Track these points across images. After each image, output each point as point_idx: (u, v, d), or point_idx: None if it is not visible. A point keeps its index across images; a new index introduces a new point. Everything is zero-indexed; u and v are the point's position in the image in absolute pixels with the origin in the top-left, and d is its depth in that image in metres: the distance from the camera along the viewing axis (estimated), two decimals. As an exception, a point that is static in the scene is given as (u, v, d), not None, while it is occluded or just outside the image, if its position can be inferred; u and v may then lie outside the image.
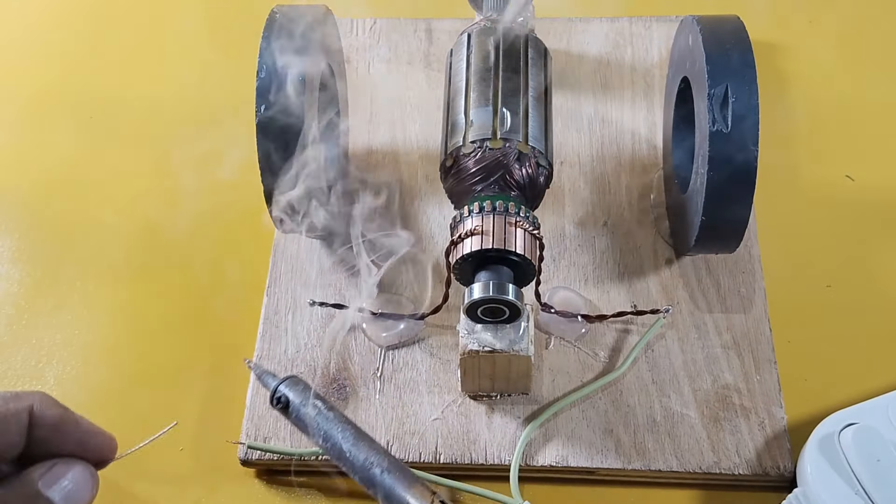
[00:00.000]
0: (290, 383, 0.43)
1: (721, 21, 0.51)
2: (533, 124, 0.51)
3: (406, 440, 0.50)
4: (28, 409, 0.38)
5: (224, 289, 0.58)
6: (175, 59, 0.70)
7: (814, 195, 0.60)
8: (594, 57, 0.66)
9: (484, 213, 0.47)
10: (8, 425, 0.37)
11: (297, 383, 0.43)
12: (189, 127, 0.66)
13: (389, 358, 0.53)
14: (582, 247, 0.57)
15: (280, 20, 0.51)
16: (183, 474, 0.50)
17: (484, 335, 0.48)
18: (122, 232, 0.61)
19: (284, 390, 0.43)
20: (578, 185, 0.60)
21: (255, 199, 0.51)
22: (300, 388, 0.43)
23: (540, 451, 0.50)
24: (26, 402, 0.38)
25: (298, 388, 0.43)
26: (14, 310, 0.57)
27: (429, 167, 0.61)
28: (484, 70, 0.52)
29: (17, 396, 0.38)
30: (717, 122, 0.47)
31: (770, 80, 0.65)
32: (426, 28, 0.68)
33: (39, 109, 0.68)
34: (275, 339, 0.54)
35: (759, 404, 0.51)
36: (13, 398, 0.38)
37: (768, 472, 0.49)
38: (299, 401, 0.42)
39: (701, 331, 0.54)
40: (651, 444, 0.50)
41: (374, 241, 0.52)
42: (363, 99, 0.65)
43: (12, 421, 0.37)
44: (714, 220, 0.49)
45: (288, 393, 0.43)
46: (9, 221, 0.62)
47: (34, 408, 0.38)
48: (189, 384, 0.54)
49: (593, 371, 0.52)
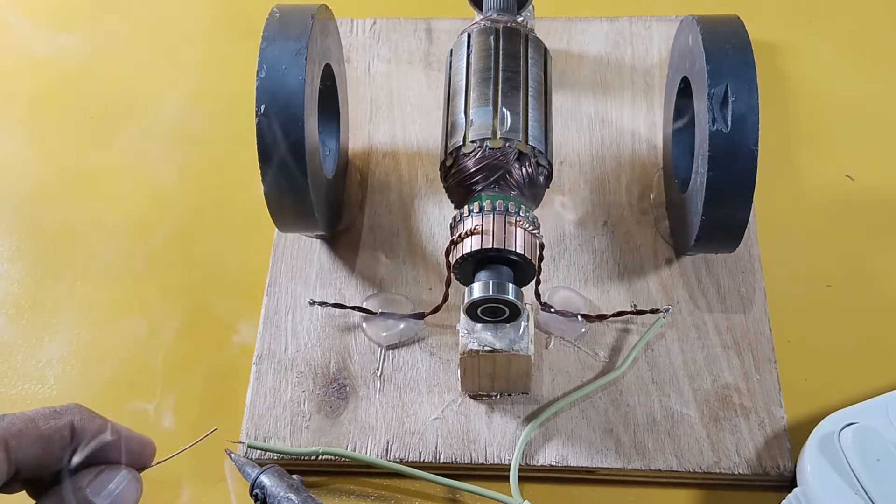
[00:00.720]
0: (270, 473, 0.44)
1: (721, 21, 0.51)
2: (533, 124, 0.51)
3: (406, 440, 0.50)
4: (69, 425, 0.38)
5: (224, 289, 0.58)
6: (175, 59, 0.70)
7: (814, 195, 0.60)
8: (594, 57, 0.66)
9: (484, 212, 0.47)
10: (52, 444, 0.38)
11: (277, 473, 0.44)
12: (189, 127, 0.66)
13: (389, 358, 0.53)
14: (582, 247, 0.57)
15: (280, 20, 0.51)
16: (183, 474, 0.50)
17: (484, 335, 0.48)
18: (122, 232, 0.61)
19: (264, 480, 0.44)
20: (578, 185, 0.60)
21: (255, 199, 0.51)
22: (280, 478, 0.44)
23: (540, 451, 0.50)
24: (67, 419, 0.38)
25: (277, 478, 0.44)
26: (14, 310, 0.57)
27: (429, 167, 0.61)
28: (484, 70, 0.52)
29: (56, 413, 0.39)
30: (717, 122, 0.47)
31: (770, 80, 0.65)
32: (426, 28, 0.68)
33: (39, 109, 0.68)
34: (275, 339, 0.54)
35: (759, 404, 0.51)
36: (53, 415, 0.38)
37: (768, 471, 0.49)
38: (278, 491, 0.44)
39: (701, 330, 0.54)
40: (651, 444, 0.50)
41: None
42: (363, 99, 0.65)
43: (55, 438, 0.38)
44: (714, 220, 0.49)
45: (267, 482, 0.44)
46: (9, 221, 0.62)
47: (75, 423, 0.39)
48: (189, 384, 0.54)
49: (593, 371, 0.52)
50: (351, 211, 0.59)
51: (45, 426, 0.38)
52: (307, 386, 0.52)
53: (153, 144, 0.65)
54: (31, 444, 0.37)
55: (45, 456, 0.38)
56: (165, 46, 0.71)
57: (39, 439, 0.38)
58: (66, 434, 0.38)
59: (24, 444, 0.37)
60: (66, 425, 0.38)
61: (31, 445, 0.37)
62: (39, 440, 0.37)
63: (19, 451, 0.37)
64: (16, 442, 0.37)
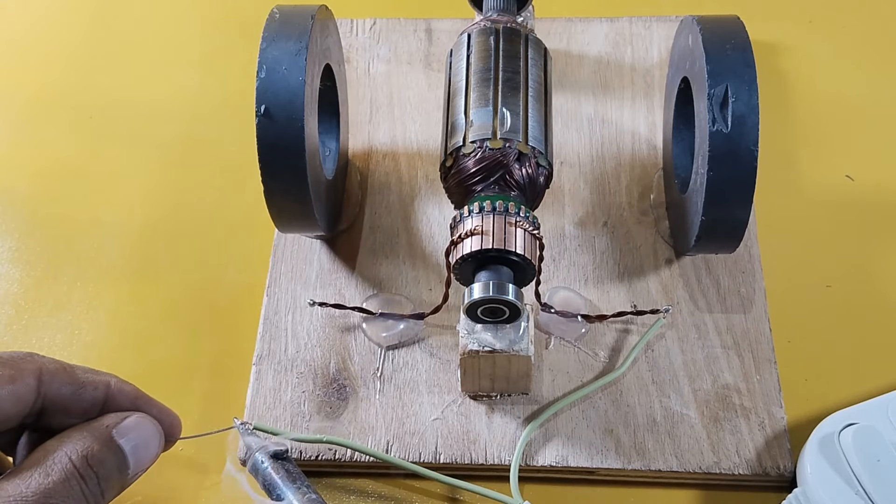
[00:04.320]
0: (271, 453, 0.45)
1: (721, 21, 0.51)
2: (533, 124, 0.51)
3: (406, 440, 0.50)
4: (106, 383, 0.40)
5: (224, 289, 0.58)
6: (175, 59, 0.70)
7: (814, 195, 0.60)
8: (594, 57, 0.66)
9: (484, 213, 0.47)
10: (83, 394, 0.39)
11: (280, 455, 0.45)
12: (189, 127, 0.66)
13: (389, 358, 0.53)
14: (582, 247, 0.57)
15: (280, 20, 0.51)
16: (183, 474, 0.50)
17: (484, 335, 0.48)
18: (122, 232, 0.61)
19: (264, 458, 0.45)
20: (578, 185, 0.60)
21: (255, 199, 0.51)
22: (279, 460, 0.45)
23: (540, 451, 0.50)
24: (104, 378, 0.40)
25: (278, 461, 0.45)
26: (14, 310, 0.57)
27: (429, 167, 0.61)
28: (484, 70, 0.52)
29: (95, 371, 0.40)
30: (717, 122, 0.47)
31: (770, 80, 0.65)
32: (426, 28, 0.68)
33: (39, 109, 0.68)
34: (275, 339, 0.54)
35: (759, 404, 0.51)
36: (91, 370, 0.40)
37: (768, 472, 0.49)
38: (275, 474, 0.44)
39: (701, 331, 0.54)
40: (651, 444, 0.50)
41: None
42: (363, 99, 0.65)
43: (88, 389, 0.39)
44: (714, 220, 0.49)
45: (266, 461, 0.45)
46: (9, 221, 0.62)
47: (111, 383, 0.40)
48: (189, 384, 0.54)
49: (593, 371, 0.52)
50: (351, 211, 0.59)
51: (82, 375, 0.39)
52: (307, 386, 0.52)
53: (153, 144, 0.65)
54: (63, 385, 0.38)
55: (73, 402, 0.39)
56: (165, 46, 0.71)
57: (73, 384, 0.39)
58: (99, 389, 0.39)
59: (56, 383, 0.38)
60: (103, 382, 0.40)
61: (63, 387, 0.38)
62: (73, 384, 0.39)
63: (50, 386, 0.38)
64: (49, 377, 0.38)
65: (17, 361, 0.38)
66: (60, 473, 0.36)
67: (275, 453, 0.45)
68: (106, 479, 0.38)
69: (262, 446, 0.45)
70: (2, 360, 0.38)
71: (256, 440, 0.46)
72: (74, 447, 0.37)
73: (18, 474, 0.36)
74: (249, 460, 0.45)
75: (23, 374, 0.37)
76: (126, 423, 0.39)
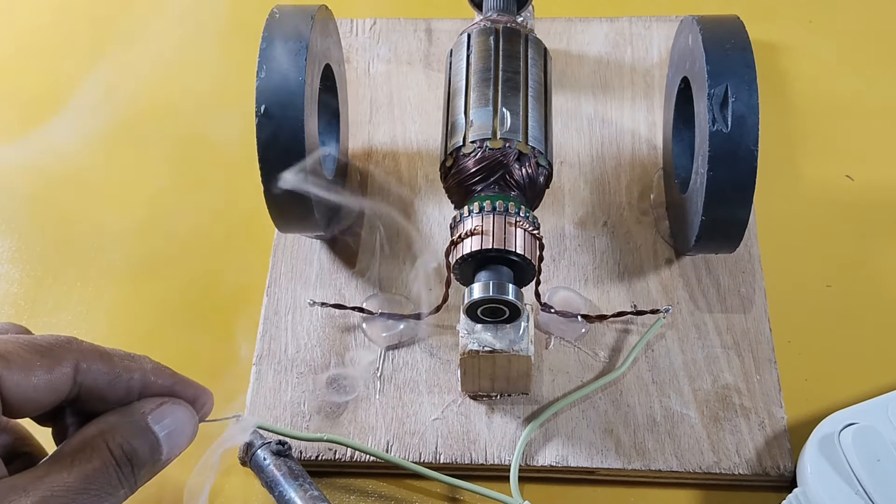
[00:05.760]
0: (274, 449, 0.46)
1: (721, 21, 0.51)
2: (533, 124, 0.51)
3: (406, 440, 0.50)
4: (141, 369, 0.39)
5: (224, 289, 0.58)
6: (175, 59, 0.70)
7: (814, 195, 0.60)
8: (594, 57, 0.66)
9: (484, 213, 0.47)
10: (118, 382, 0.38)
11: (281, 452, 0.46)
12: (189, 126, 0.66)
13: (389, 358, 0.53)
14: (582, 247, 0.57)
15: (280, 20, 0.51)
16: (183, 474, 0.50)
17: (484, 335, 0.48)
18: (122, 232, 0.61)
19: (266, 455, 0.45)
20: (578, 185, 0.60)
21: (255, 199, 0.51)
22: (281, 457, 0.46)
23: (540, 451, 0.50)
24: (140, 364, 0.40)
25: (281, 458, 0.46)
26: (14, 310, 0.57)
27: (429, 167, 0.61)
28: (484, 70, 0.52)
29: (131, 356, 0.40)
30: (717, 122, 0.47)
31: (770, 80, 0.65)
32: (426, 28, 0.68)
33: (40, 109, 0.68)
34: (275, 339, 0.54)
35: (759, 404, 0.51)
36: (128, 356, 0.39)
37: (768, 472, 0.49)
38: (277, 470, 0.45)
39: (701, 331, 0.54)
40: (651, 444, 0.50)
41: None
42: (363, 99, 0.65)
43: (124, 377, 0.39)
44: (714, 220, 0.49)
45: (269, 458, 0.45)
46: (9, 221, 0.62)
47: (148, 370, 0.40)
48: (189, 384, 0.54)
49: (593, 371, 0.52)
50: (351, 211, 0.59)
51: (119, 363, 0.39)
52: (307, 386, 0.52)
53: (153, 144, 0.65)
54: (100, 374, 0.38)
55: (109, 391, 0.38)
56: (165, 46, 0.71)
57: (110, 373, 0.38)
58: (136, 377, 0.39)
59: (93, 373, 0.38)
60: (139, 368, 0.39)
61: (100, 376, 0.38)
62: (109, 374, 0.38)
63: (87, 375, 0.37)
64: (86, 365, 0.37)
65: (56, 349, 0.37)
66: (99, 461, 0.36)
67: (277, 451, 0.45)
68: (140, 466, 0.38)
69: (264, 443, 0.45)
70: (41, 348, 0.37)
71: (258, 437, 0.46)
72: (112, 434, 0.37)
73: (59, 461, 0.36)
74: (251, 458, 0.45)
75: (60, 364, 0.37)
76: (161, 411, 0.39)
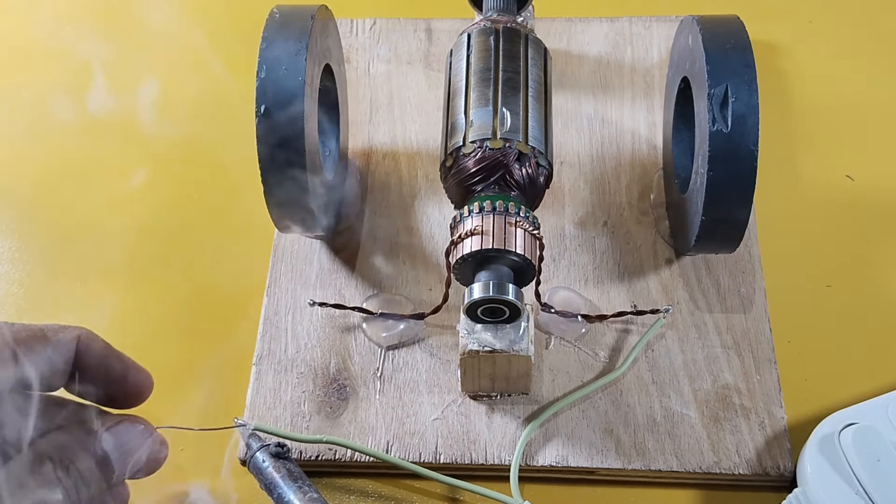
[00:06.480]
0: (272, 452, 0.45)
1: (721, 21, 0.51)
2: (533, 124, 0.51)
3: (406, 440, 0.50)
4: (76, 338, 0.39)
5: (224, 289, 0.58)
6: (175, 59, 0.70)
7: (814, 195, 0.60)
8: (594, 57, 0.66)
9: (484, 213, 0.47)
10: (58, 352, 0.38)
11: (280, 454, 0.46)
12: (189, 127, 0.66)
13: (389, 358, 0.53)
14: (582, 247, 0.57)
15: (280, 20, 0.51)
16: (183, 474, 0.50)
17: (484, 335, 0.48)
18: (122, 232, 0.61)
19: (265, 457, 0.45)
20: (578, 185, 0.60)
21: (255, 199, 0.51)
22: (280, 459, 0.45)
23: (540, 451, 0.50)
24: (74, 333, 0.39)
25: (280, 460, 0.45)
26: (14, 310, 0.57)
27: (429, 167, 0.61)
28: (484, 70, 0.52)
29: (64, 328, 0.39)
30: (717, 122, 0.47)
31: (770, 80, 0.65)
32: (426, 28, 0.68)
33: (40, 109, 0.68)
34: (275, 339, 0.54)
35: (759, 404, 0.51)
36: (61, 329, 0.39)
37: (768, 472, 0.49)
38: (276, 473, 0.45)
39: (701, 331, 0.54)
40: (651, 444, 0.50)
41: None
42: (363, 99, 0.65)
43: (62, 348, 0.38)
44: (714, 220, 0.49)
45: (268, 460, 0.45)
46: (9, 221, 0.62)
47: (81, 338, 0.39)
48: (189, 384, 0.54)
49: (593, 371, 0.52)
50: (351, 211, 0.59)
51: (51, 335, 0.39)
52: (307, 386, 0.52)
53: (153, 144, 0.65)
54: (39, 351, 0.38)
55: (49, 367, 0.38)
56: (165, 46, 0.71)
57: (47, 348, 0.38)
58: (71, 346, 0.39)
59: (33, 351, 0.38)
60: (73, 338, 0.39)
61: (40, 353, 0.38)
62: (47, 349, 0.38)
63: (27, 357, 0.37)
64: (24, 347, 0.37)
65: None
66: (45, 480, 0.36)
67: (276, 453, 0.45)
68: (87, 485, 0.38)
69: (262, 446, 0.45)
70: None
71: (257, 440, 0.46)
72: (58, 453, 0.37)
73: None
74: (250, 460, 0.45)
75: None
76: (115, 430, 0.39)
